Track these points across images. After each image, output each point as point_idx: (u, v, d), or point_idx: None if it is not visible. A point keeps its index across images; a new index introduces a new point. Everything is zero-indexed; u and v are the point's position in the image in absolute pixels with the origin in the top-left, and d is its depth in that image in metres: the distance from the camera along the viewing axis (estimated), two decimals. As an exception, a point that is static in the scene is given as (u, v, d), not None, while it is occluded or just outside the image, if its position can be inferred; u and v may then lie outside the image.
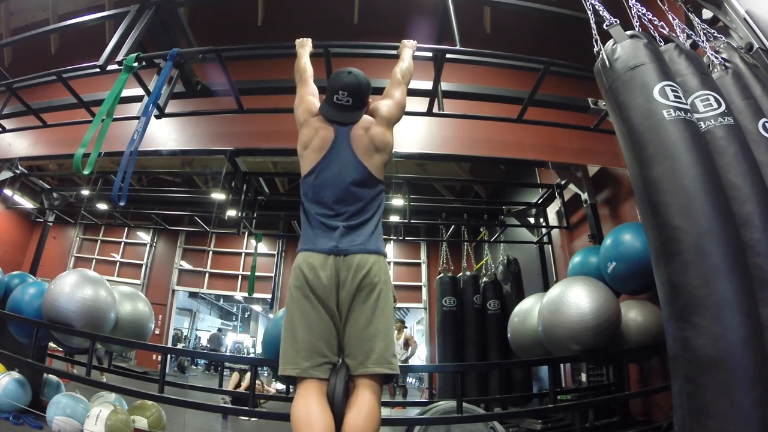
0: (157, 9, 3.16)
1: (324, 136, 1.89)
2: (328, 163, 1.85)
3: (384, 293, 1.71)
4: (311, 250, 1.74)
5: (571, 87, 3.41)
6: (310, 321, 1.66)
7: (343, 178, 1.83)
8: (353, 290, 1.68)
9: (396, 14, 4.04)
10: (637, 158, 1.75)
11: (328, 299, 1.67)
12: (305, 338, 1.65)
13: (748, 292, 1.49)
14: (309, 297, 1.67)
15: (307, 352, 1.63)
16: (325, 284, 1.67)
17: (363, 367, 1.63)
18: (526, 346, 3.56)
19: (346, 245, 1.72)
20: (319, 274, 1.68)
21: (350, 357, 1.66)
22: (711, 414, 1.37)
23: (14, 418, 3.07)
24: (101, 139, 2.65)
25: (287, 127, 3.81)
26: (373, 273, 1.70)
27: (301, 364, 1.62)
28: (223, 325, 9.72)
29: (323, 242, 1.74)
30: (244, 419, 4.29)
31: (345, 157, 1.86)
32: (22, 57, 4.98)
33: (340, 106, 1.91)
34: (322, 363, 1.63)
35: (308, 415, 1.53)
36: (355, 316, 1.68)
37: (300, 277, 1.70)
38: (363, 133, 1.90)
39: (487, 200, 6.46)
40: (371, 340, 1.64)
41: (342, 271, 1.69)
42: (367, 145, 1.88)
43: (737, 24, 2.32)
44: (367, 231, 1.78)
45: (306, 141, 1.92)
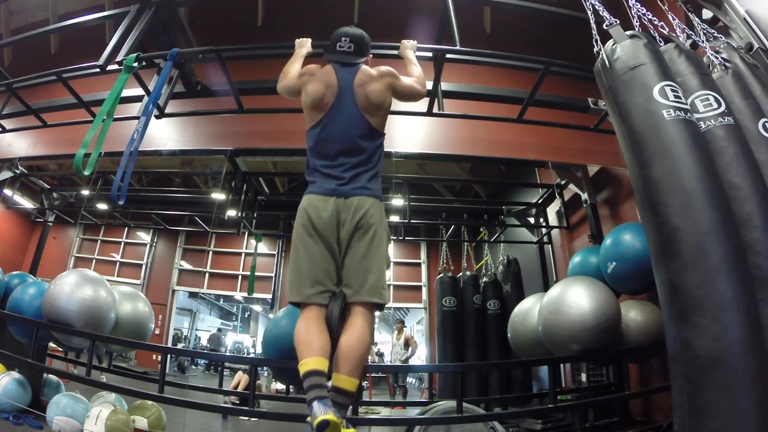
0: (157, 9, 3.16)
1: (329, 84, 2.03)
2: (333, 118, 2.00)
3: (378, 233, 1.90)
4: (315, 193, 1.93)
5: (571, 87, 3.41)
6: (312, 254, 1.86)
7: (346, 131, 1.97)
8: (352, 229, 1.87)
9: (396, 14, 4.04)
10: (637, 158, 1.75)
11: (328, 236, 1.87)
12: (308, 269, 1.86)
13: (748, 292, 1.49)
14: (312, 234, 1.87)
15: (310, 282, 1.84)
16: (326, 223, 1.87)
17: (357, 296, 1.84)
18: (526, 346, 3.56)
19: (347, 189, 1.91)
20: (321, 214, 1.88)
21: (346, 286, 1.87)
22: (711, 414, 1.38)
23: (14, 418, 3.07)
24: (101, 139, 2.65)
25: (287, 127, 3.83)
26: (370, 214, 1.89)
27: (305, 292, 1.83)
28: (223, 325, 9.71)
29: (326, 186, 1.92)
30: (244, 419, 4.29)
31: (349, 111, 2.00)
32: (22, 57, 4.98)
33: (343, 52, 2.08)
34: (322, 291, 1.85)
35: (308, 335, 1.76)
36: (352, 251, 1.88)
37: (304, 216, 1.90)
38: (362, 85, 2.03)
39: (487, 200, 6.46)
40: (365, 273, 1.84)
41: (342, 212, 1.88)
42: (368, 98, 2.02)
43: (737, 24, 2.33)
44: (366, 177, 1.96)
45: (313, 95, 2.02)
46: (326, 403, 1.58)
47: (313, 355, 1.69)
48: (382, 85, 2.05)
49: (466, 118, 3.60)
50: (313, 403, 1.57)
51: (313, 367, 1.66)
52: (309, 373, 1.65)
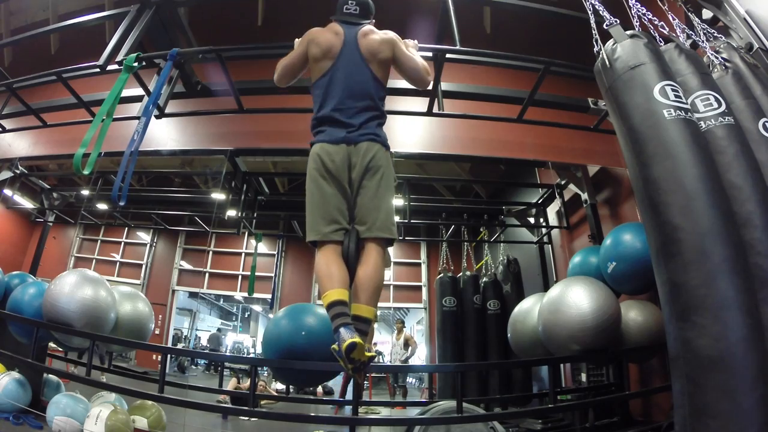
0: (157, 9, 3.15)
1: (335, 37, 2.14)
2: (339, 65, 2.11)
3: (386, 175, 2.02)
4: (326, 141, 2.02)
5: (571, 87, 3.41)
6: (326, 195, 1.98)
7: (353, 77, 2.08)
8: (362, 170, 1.98)
9: (396, 14, 4.03)
10: (638, 158, 1.75)
11: (341, 177, 1.98)
12: (324, 209, 1.97)
13: (749, 291, 1.49)
14: (325, 176, 1.98)
15: (325, 221, 1.96)
16: (338, 166, 1.98)
17: (369, 232, 1.95)
18: (526, 346, 3.56)
19: (355, 135, 2.01)
20: (333, 158, 1.98)
21: (359, 223, 1.98)
22: (712, 414, 1.37)
23: (14, 418, 3.07)
24: (101, 139, 2.65)
25: (287, 127, 3.83)
26: (378, 157, 2.00)
27: (322, 230, 1.95)
28: (223, 325, 9.71)
29: (336, 133, 2.02)
30: (244, 419, 4.29)
31: (354, 59, 2.11)
32: (22, 57, 4.98)
33: (349, 13, 2.23)
34: (338, 229, 1.96)
35: (329, 269, 1.89)
36: (363, 191, 1.99)
37: (317, 160, 2.00)
38: (365, 38, 2.15)
39: (487, 200, 6.46)
40: (376, 210, 1.97)
41: (353, 156, 1.99)
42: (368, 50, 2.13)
43: (737, 24, 2.32)
44: (374, 124, 2.06)
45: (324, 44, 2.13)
46: (351, 328, 1.72)
47: (335, 287, 1.83)
48: (382, 38, 2.16)
49: (466, 118, 3.60)
50: (340, 329, 1.71)
51: (336, 297, 1.80)
52: (333, 303, 1.79)
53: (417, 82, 2.25)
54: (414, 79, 2.24)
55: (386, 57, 2.16)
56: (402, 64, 2.19)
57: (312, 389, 5.07)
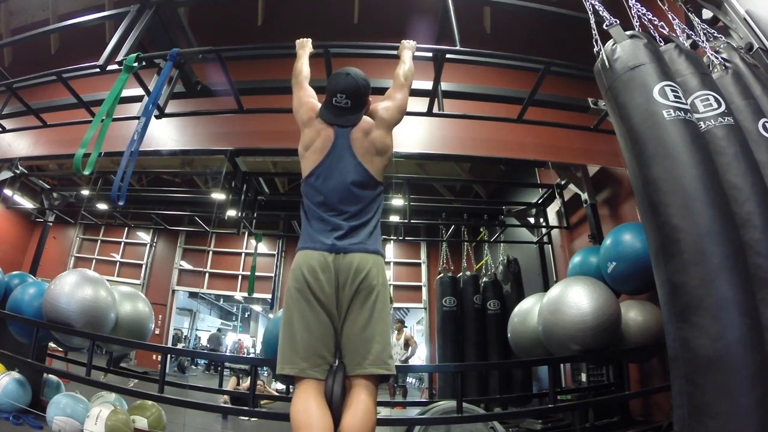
0: (157, 9, 3.15)
1: (325, 138, 1.91)
2: (329, 165, 1.87)
3: (381, 296, 1.73)
4: (311, 248, 1.76)
5: (571, 87, 3.41)
6: (308, 323, 1.67)
7: (343, 179, 1.84)
8: (352, 293, 1.70)
9: (396, 14, 4.04)
10: (637, 158, 1.75)
11: (327, 302, 1.69)
12: (304, 340, 1.66)
13: (748, 292, 1.49)
14: (309, 299, 1.69)
15: (306, 353, 1.65)
16: (324, 286, 1.69)
17: (360, 368, 1.65)
18: (526, 346, 3.56)
19: (345, 244, 1.74)
20: (319, 276, 1.70)
21: (347, 358, 1.68)
22: (711, 414, 1.37)
23: (14, 418, 3.07)
24: (101, 139, 2.65)
25: (287, 127, 3.81)
26: (372, 275, 1.72)
27: (300, 365, 1.64)
28: (223, 325, 9.71)
29: (322, 239, 1.76)
30: (244, 419, 4.29)
31: (345, 158, 1.87)
32: (22, 57, 4.98)
33: (339, 108, 1.93)
34: (320, 364, 1.66)
35: (308, 416, 1.55)
36: (352, 318, 1.70)
37: (300, 278, 1.71)
38: (363, 136, 1.91)
39: (487, 200, 6.45)
40: (369, 342, 1.66)
41: (341, 274, 1.71)
42: (368, 148, 1.90)
43: (737, 24, 2.32)
44: (366, 231, 1.80)
45: (308, 142, 1.94)
46: None
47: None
48: (381, 130, 1.94)
49: (466, 118, 3.60)
50: None
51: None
52: None
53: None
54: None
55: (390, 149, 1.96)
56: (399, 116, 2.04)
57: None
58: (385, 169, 1.95)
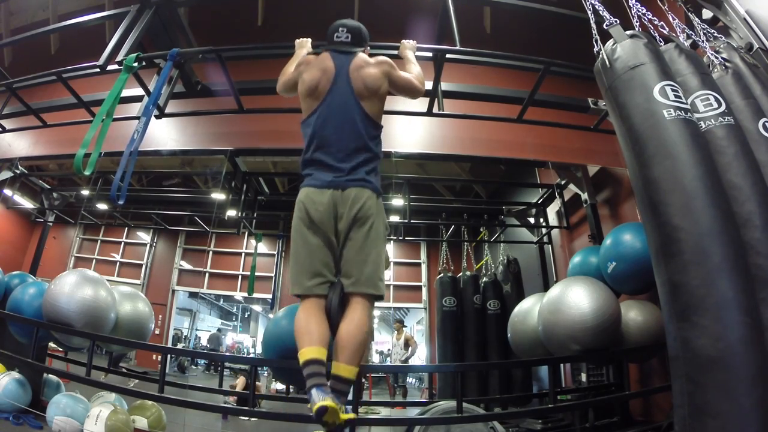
0: (157, 9, 3.15)
1: (326, 75, 2.04)
2: (329, 104, 2.01)
3: (376, 225, 1.92)
4: (312, 186, 1.94)
5: (571, 87, 3.41)
6: (311, 247, 1.91)
7: (343, 118, 1.99)
8: (350, 221, 1.90)
9: (396, 14, 4.03)
10: (637, 158, 1.75)
11: (326, 228, 1.91)
12: (308, 262, 1.91)
13: (749, 291, 1.49)
14: (309, 227, 1.91)
15: (310, 274, 1.89)
16: (323, 216, 1.90)
17: (354, 286, 1.89)
18: (526, 346, 3.56)
19: (343, 180, 1.92)
20: (318, 207, 1.90)
21: (345, 277, 1.92)
22: (712, 414, 1.38)
23: (14, 418, 3.07)
24: (101, 139, 2.65)
25: (287, 127, 3.82)
26: (367, 206, 1.91)
27: (305, 284, 1.89)
28: (223, 325, 9.70)
29: (323, 177, 1.93)
30: (244, 419, 4.29)
31: (344, 97, 2.01)
32: (22, 57, 4.98)
33: (340, 42, 2.14)
34: (322, 282, 1.90)
35: (308, 325, 1.83)
36: (350, 243, 1.91)
37: (302, 209, 1.93)
38: (357, 69, 2.05)
39: (487, 200, 6.45)
40: (362, 264, 1.89)
41: (340, 206, 1.90)
42: (363, 85, 2.03)
43: (737, 24, 2.33)
44: (364, 169, 1.96)
45: (309, 83, 2.05)
46: (324, 390, 1.66)
47: (312, 345, 1.77)
48: (378, 71, 2.06)
49: (466, 118, 3.60)
50: (312, 390, 1.66)
51: (311, 356, 1.74)
52: (308, 362, 1.73)
53: (412, 95, 2.20)
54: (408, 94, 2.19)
55: (383, 91, 2.07)
56: (397, 87, 2.13)
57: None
58: (381, 112, 2.09)
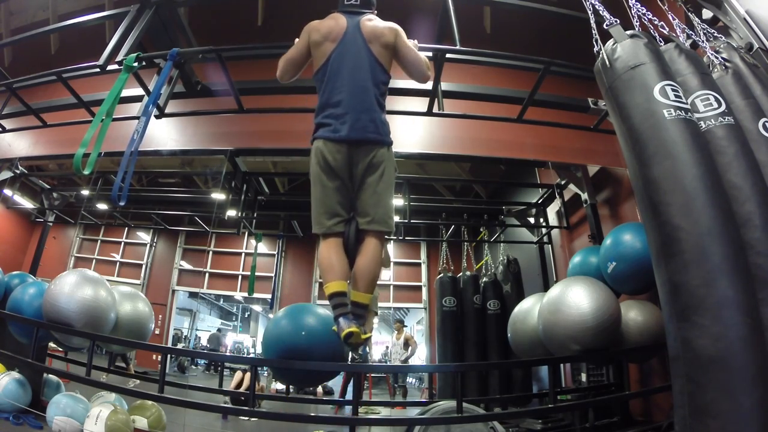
0: (157, 9, 3.15)
1: (338, 28, 2.19)
2: (341, 50, 2.16)
3: (387, 171, 2.11)
4: (328, 139, 2.08)
5: (571, 87, 3.41)
6: (328, 190, 2.09)
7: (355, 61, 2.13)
8: (364, 168, 2.08)
9: (396, 14, 4.02)
10: (638, 158, 1.75)
11: (342, 173, 2.08)
12: (327, 203, 2.09)
13: (749, 291, 1.49)
14: (327, 172, 2.07)
15: (329, 214, 2.09)
16: (340, 163, 2.06)
17: (368, 225, 2.08)
18: (526, 346, 3.56)
19: (358, 134, 2.06)
20: (335, 156, 2.06)
21: (360, 215, 2.11)
22: (712, 414, 1.37)
23: (14, 418, 3.07)
24: (101, 139, 2.65)
25: (287, 127, 3.83)
26: (380, 155, 2.09)
27: (325, 224, 2.08)
28: (223, 325, 9.71)
29: (339, 129, 2.06)
30: (244, 419, 4.29)
31: (356, 44, 2.16)
32: (22, 57, 4.98)
33: (351, 5, 2.28)
34: (339, 221, 2.10)
35: (330, 261, 2.05)
36: (365, 186, 2.10)
37: (320, 156, 2.08)
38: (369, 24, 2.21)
39: (487, 200, 6.46)
40: (376, 205, 2.08)
41: (355, 155, 2.07)
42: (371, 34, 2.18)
43: (737, 24, 2.33)
44: (376, 118, 2.10)
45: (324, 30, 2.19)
46: (349, 317, 1.93)
47: (336, 279, 2.01)
48: (385, 25, 2.22)
49: (466, 118, 3.60)
50: (339, 318, 1.93)
51: (336, 289, 1.99)
52: (334, 294, 1.98)
53: (418, 75, 2.29)
54: (415, 72, 2.28)
55: (389, 41, 2.19)
56: (404, 56, 2.24)
57: (312, 389, 5.07)
58: (390, 62, 2.24)
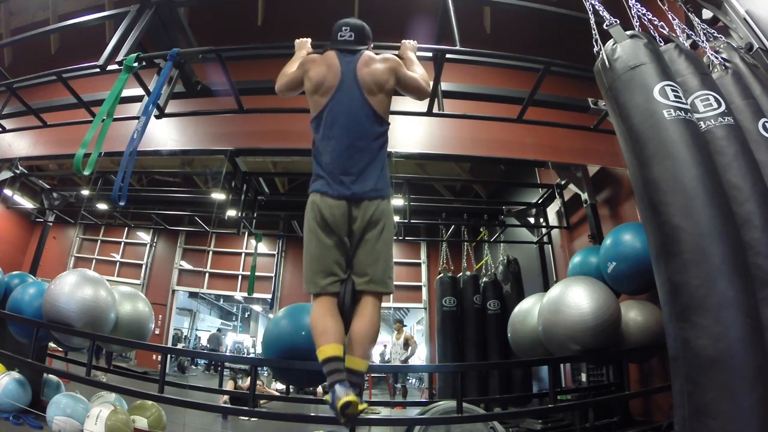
0: (157, 9, 3.15)
1: (333, 72, 2.07)
2: (337, 102, 2.04)
3: (387, 227, 2.00)
4: (326, 194, 1.97)
5: (571, 87, 3.41)
6: (325, 248, 1.97)
7: (351, 115, 2.02)
8: (363, 224, 1.97)
9: (396, 14, 4.03)
10: (637, 158, 1.75)
11: (340, 230, 1.97)
12: (322, 262, 1.97)
13: (749, 291, 1.49)
14: (324, 229, 1.97)
15: (324, 273, 1.96)
16: (338, 220, 1.96)
17: (366, 285, 1.96)
18: (526, 346, 3.56)
19: (357, 190, 1.96)
20: (333, 212, 1.96)
21: (356, 275, 1.99)
22: (712, 414, 1.38)
23: (14, 418, 3.07)
24: (101, 140, 2.65)
25: (287, 127, 3.83)
26: (380, 211, 1.98)
27: (320, 283, 1.96)
28: (223, 325, 9.70)
29: (336, 187, 1.97)
30: (244, 419, 4.29)
31: (352, 94, 2.04)
32: (22, 57, 4.98)
33: (344, 41, 2.15)
34: (335, 281, 1.97)
35: (324, 323, 1.90)
36: (363, 243, 1.98)
37: (317, 211, 1.97)
38: (365, 67, 2.08)
39: (487, 200, 6.45)
40: (374, 264, 1.96)
41: (353, 212, 1.97)
42: (370, 81, 2.06)
43: (737, 24, 2.33)
44: (375, 173, 2.00)
45: (316, 80, 2.07)
46: (345, 385, 1.75)
47: (330, 342, 1.85)
48: (385, 67, 2.09)
49: (466, 118, 3.60)
50: (335, 386, 1.75)
51: (331, 353, 1.82)
52: (328, 359, 1.81)
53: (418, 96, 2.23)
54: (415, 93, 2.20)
55: (390, 87, 2.09)
56: (405, 86, 2.15)
57: (312, 389, 5.07)
58: (388, 107, 2.11)
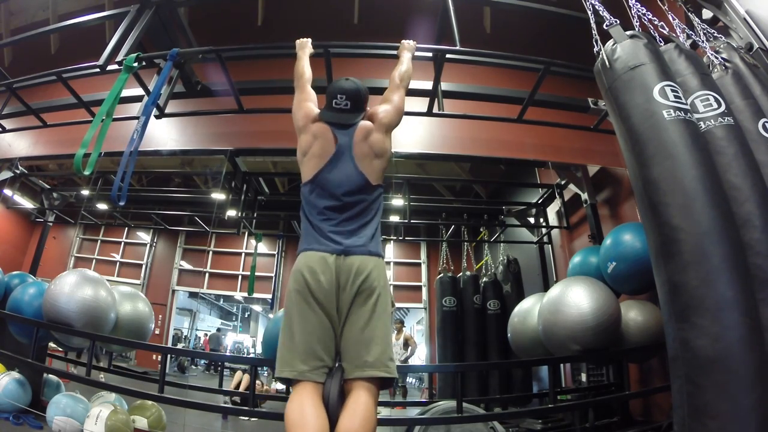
0: (157, 9, 3.15)
1: (325, 142, 1.92)
2: (329, 171, 1.88)
3: (382, 298, 1.72)
4: (312, 250, 1.76)
5: (571, 87, 3.41)
6: (309, 325, 1.66)
7: (343, 185, 1.86)
8: (353, 294, 1.69)
9: (396, 14, 4.03)
10: (637, 158, 1.75)
11: (328, 303, 1.68)
12: (303, 342, 1.65)
13: (748, 292, 1.48)
14: (309, 301, 1.68)
15: (305, 356, 1.63)
16: (325, 288, 1.68)
17: (359, 371, 1.62)
18: (526, 346, 3.56)
19: (346, 246, 1.75)
20: (319, 278, 1.69)
21: (347, 360, 1.66)
22: (711, 414, 1.37)
23: (14, 418, 3.07)
24: (101, 139, 2.65)
25: (287, 127, 3.80)
26: (372, 277, 1.72)
27: (298, 367, 1.62)
28: (223, 325, 9.72)
29: (323, 242, 1.77)
30: (244, 419, 4.29)
31: (346, 165, 1.89)
32: (22, 57, 4.98)
33: (339, 109, 1.95)
34: (319, 367, 1.63)
35: (302, 417, 1.52)
36: (353, 319, 1.68)
37: (300, 280, 1.70)
38: (362, 139, 1.93)
39: (487, 200, 6.46)
40: (369, 344, 1.64)
41: (342, 275, 1.70)
42: (367, 152, 1.92)
43: (737, 24, 2.32)
44: (367, 233, 1.81)
45: (305, 147, 1.95)
46: None
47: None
48: (381, 134, 1.96)
49: (466, 118, 3.60)
50: None
51: None
52: None
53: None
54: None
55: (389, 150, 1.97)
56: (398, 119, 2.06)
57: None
58: (384, 171, 1.97)
